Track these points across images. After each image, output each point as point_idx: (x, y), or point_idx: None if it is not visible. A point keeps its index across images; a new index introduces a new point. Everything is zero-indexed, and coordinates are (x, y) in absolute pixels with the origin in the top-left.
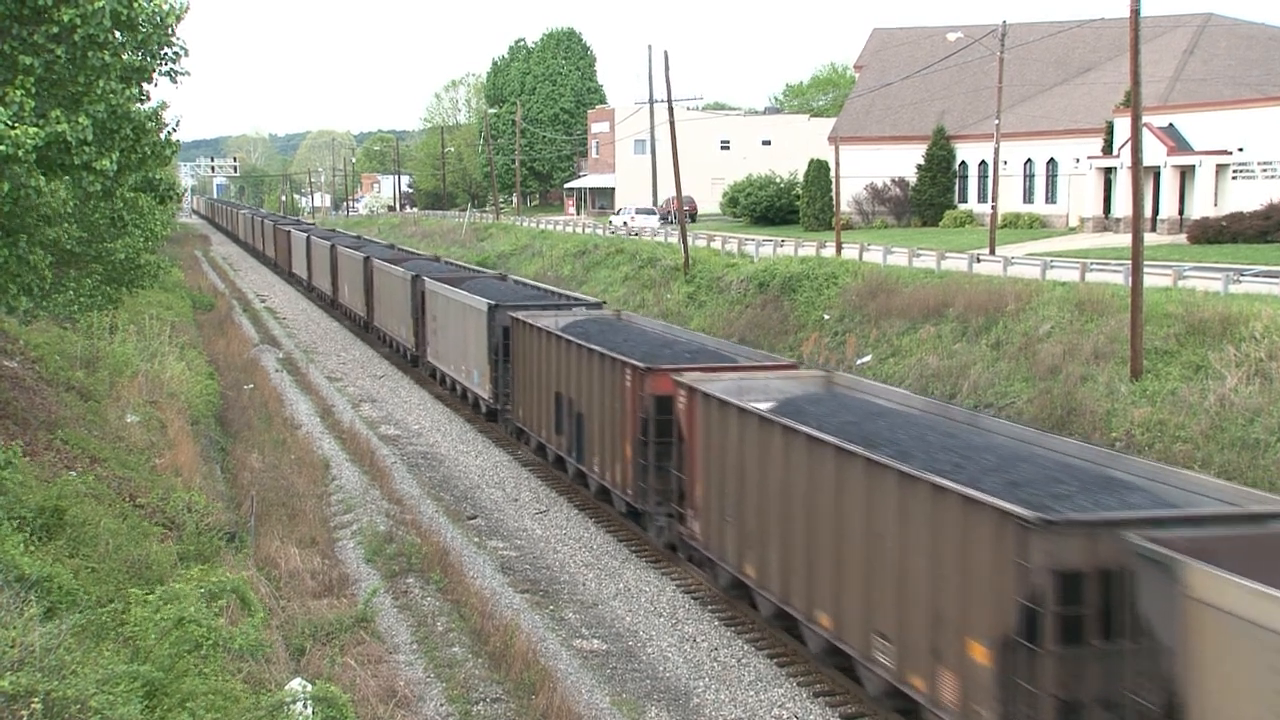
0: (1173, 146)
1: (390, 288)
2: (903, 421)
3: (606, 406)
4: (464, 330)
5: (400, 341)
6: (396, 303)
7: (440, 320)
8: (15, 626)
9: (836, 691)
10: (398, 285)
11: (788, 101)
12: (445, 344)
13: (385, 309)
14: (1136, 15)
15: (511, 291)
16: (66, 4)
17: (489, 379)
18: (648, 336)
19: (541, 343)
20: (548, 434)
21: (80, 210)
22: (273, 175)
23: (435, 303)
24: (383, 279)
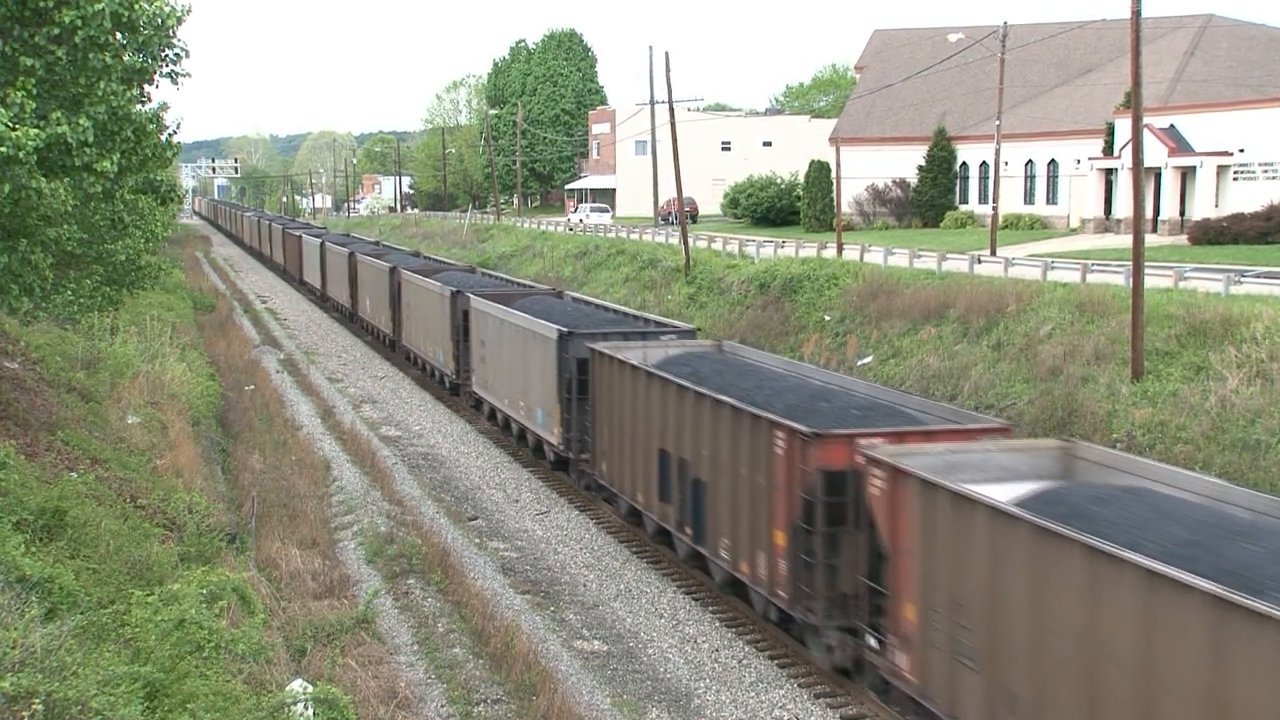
0: (1174, 147)
1: (424, 304)
2: (782, 385)
3: (743, 476)
4: (523, 360)
5: (436, 366)
6: (431, 321)
7: (491, 346)
8: (16, 627)
9: (837, 693)
10: (432, 302)
11: (789, 102)
12: (497, 374)
13: (417, 327)
14: (1137, 16)
15: (578, 314)
16: (67, 6)
17: (558, 421)
18: (782, 382)
19: (635, 384)
20: (646, 498)
21: (81, 211)
22: (274, 176)
23: (484, 325)
24: (414, 293)
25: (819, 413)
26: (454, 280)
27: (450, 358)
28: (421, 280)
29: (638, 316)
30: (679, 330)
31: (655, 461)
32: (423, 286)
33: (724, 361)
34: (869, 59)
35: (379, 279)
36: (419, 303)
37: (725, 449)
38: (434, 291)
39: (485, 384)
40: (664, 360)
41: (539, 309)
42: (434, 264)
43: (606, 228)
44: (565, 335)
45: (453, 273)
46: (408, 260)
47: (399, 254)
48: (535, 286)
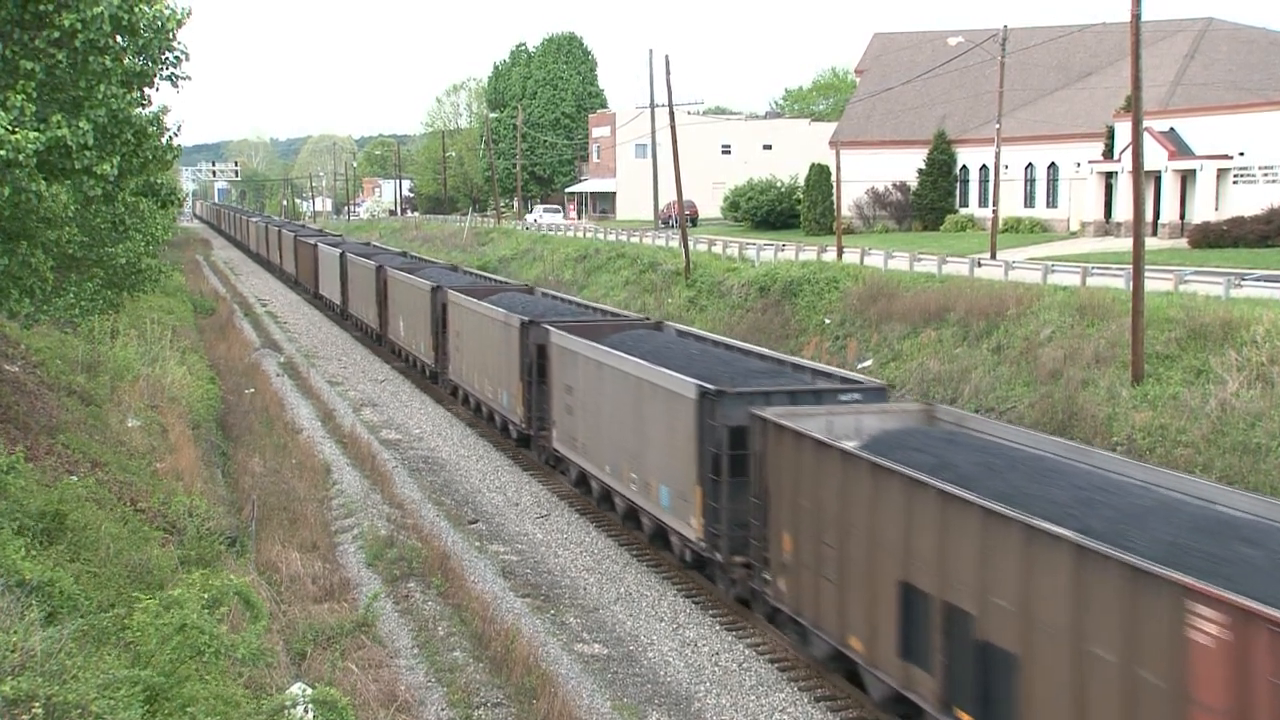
0: (1174, 151)
1: (485, 335)
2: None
3: (1105, 663)
4: (638, 420)
5: (501, 413)
6: (493, 354)
7: (585, 395)
8: (16, 631)
9: (838, 696)
10: (496, 332)
11: (789, 106)
12: (594, 433)
13: (473, 358)
14: (1137, 20)
15: (707, 358)
16: (67, 9)
17: (698, 509)
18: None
19: (838, 473)
20: (883, 652)
21: (81, 214)
22: (274, 180)
23: (582, 371)
24: (468, 320)
25: None
26: (518, 305)
27: (519, 403)
28: (477, 306)
29: (783, 361)
30: (862, 388)
31: (894, 601)
32: (483, 315)
33: (974, 446)
34: (869, 62)
35: (416, 300)
36: (475, 330)
37: (1044, 602)
38: (497, 320)
39: (586, 447)
40: (879, 440)
41: (647, 348)
42: (483, 283)
43: (559, 226)
44: (712, 395)
45: (512, 295)
46: (449, 277)
47: (437, 269)
48: (624, 314)
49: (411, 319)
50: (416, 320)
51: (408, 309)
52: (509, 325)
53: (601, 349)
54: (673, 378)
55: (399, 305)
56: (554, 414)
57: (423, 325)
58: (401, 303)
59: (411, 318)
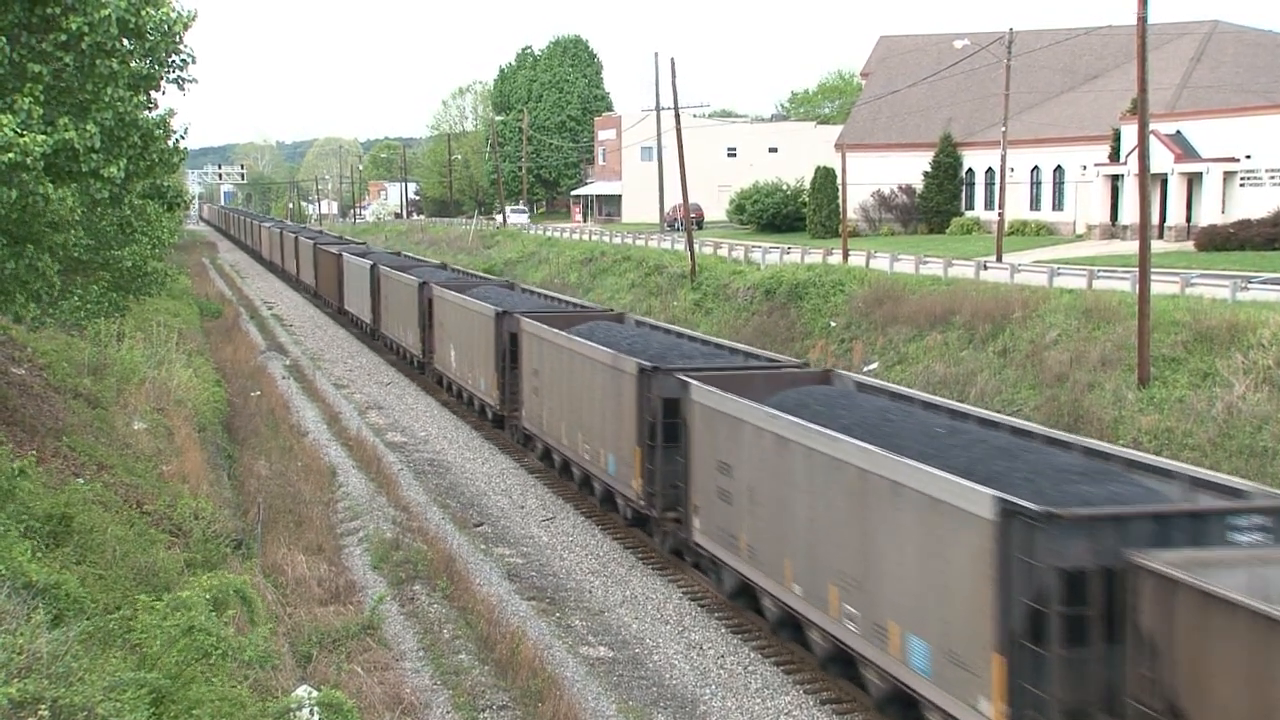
0: (1180, 154)
1: (582, 378)
2: None
3: None
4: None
5: (604, 479)
6: (599, 410)
7: (757, 481)
8: (22, 633)
9: (843, 699)
10: (596, 376)
11: (794, 109)
12: (767, 522)
13: (556, 401)
14: (1143, 23)
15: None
16: (75, 12)
17: (638, 471)
18: None
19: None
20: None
21: (88, 217)
22: (280, 183)
23: (729, 437)
24: (553, 358)
25: None
26: (622, 343)
27: (636, 473)
28: (574, 343)
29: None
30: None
31: None
32: (572, 352)
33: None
34: (875, 65)
35: (474, 327)
36: (563, 372)
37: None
38: (597, 362)
39: (753, 553)
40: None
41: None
42: (562, 307)
43: (525, 226)
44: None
45: (606, 326)
46: (510, 298)
47: (494, 289)
48: (781, 360)
49: (467, 347)
50: (474, 350)
51: (462, 335)
52: (619, 371)
53: (793, 424)
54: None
55: (449, 330)
56: (693, 494)
57: (483, 356)
58: (453, 327)
59: (467, 346)
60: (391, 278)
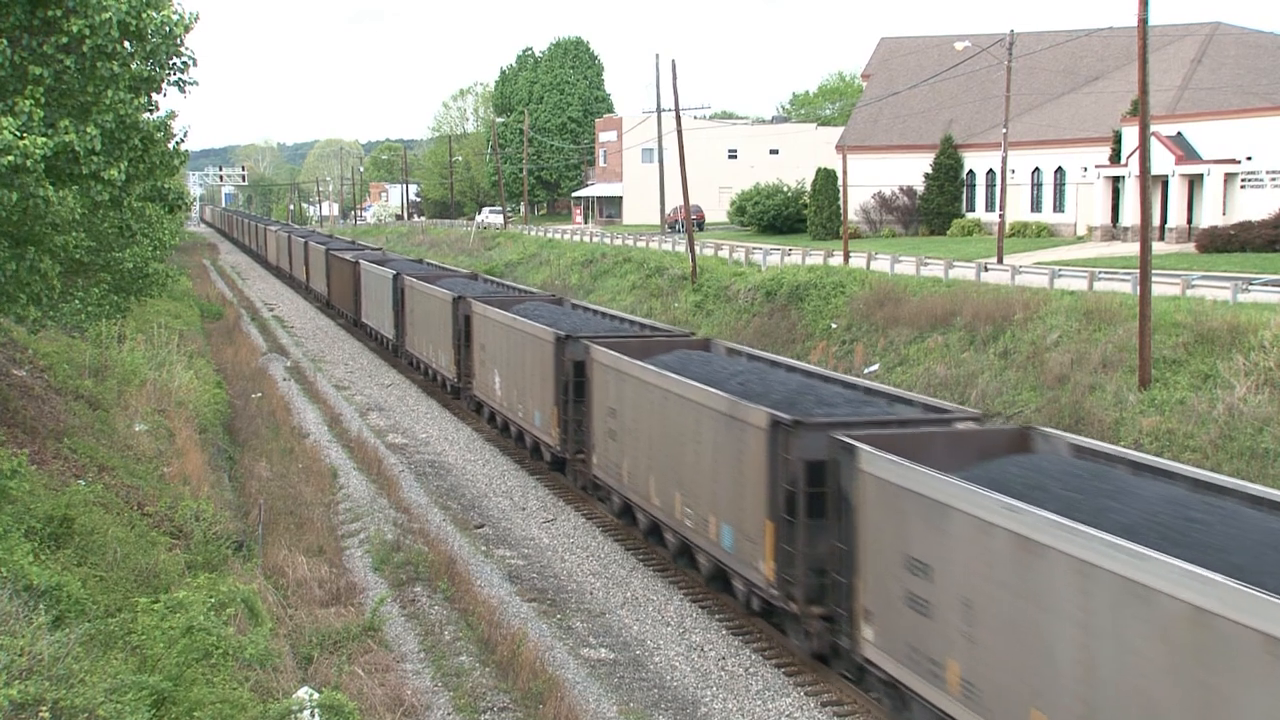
0: (1181, 155)
1: (682, 427)
2: None
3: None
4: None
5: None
6: (700, 460)
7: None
8: (24, 635)
9: (845, 701)
10: (705, 425)
11: (795, 110)
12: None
13: (642, 451)
14: (1144, 24)
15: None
16: (76, 15)
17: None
18: None
19: None
20: None
21: (89, 219)
22: (281, 184)
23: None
24: (634, 395)
25: None
26: (732, 384)
27: (766, 557)
28: (663, 381)
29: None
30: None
31: None
32: (669, 392)
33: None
34: (876, 67)
35: (533, 354)
36: (650, 414)
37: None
38: (710, 412)
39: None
40: None
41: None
42: (633, 331)
43: (498, 226)
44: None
45: (708, 358)
46: (569, 319)
47: (548, 308)
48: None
49: (516, 375)
50: (526, 379)
51: (509, 361)
52: (738, 423)
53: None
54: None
55: (492, 353)
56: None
57: (538, 387)
58: (495, 349)
59: (516, 373)
60: (419, 290)
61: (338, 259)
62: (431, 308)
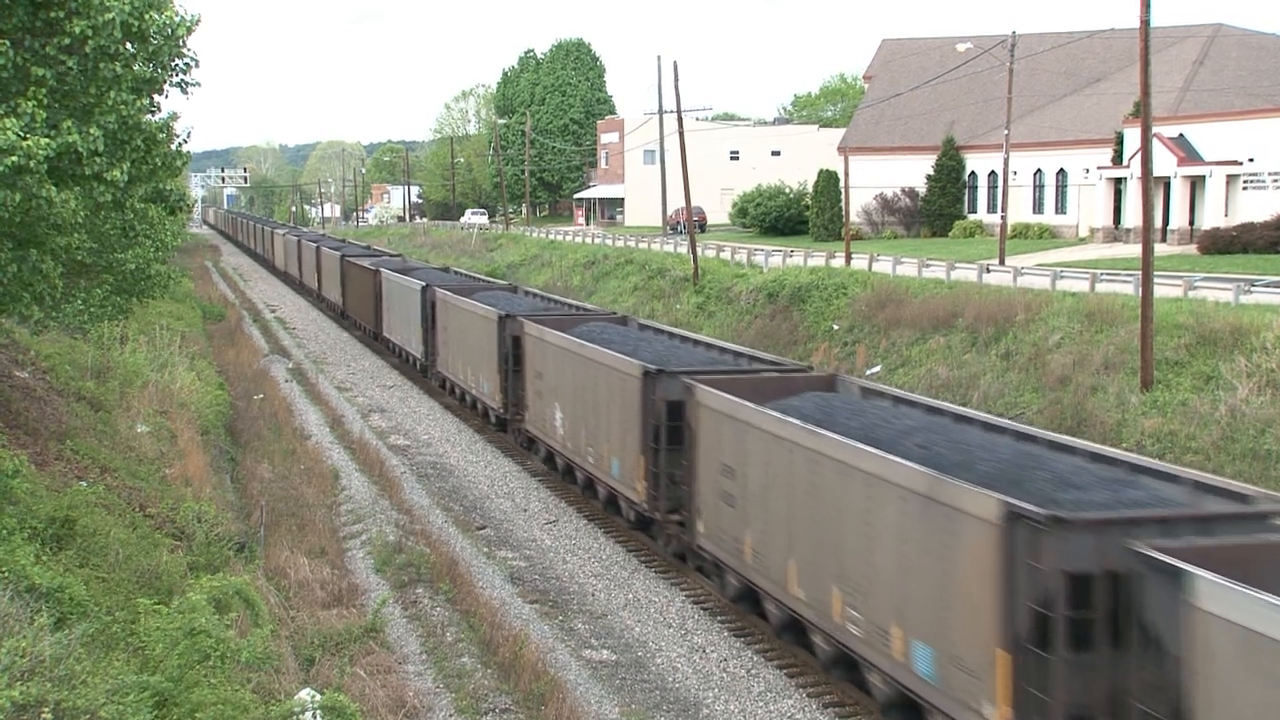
0: (1183, 157)
1: (831, 493)
2: None
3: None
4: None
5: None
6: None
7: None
8: (25, 636)
9: (846, 703)
10: (888, 508)
11: (797, 112)
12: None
13: (777, 528)
14: (1146, 26)
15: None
16: (78, 16)
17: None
18: None
19: None
20: None
21: (91, 221)
22: (283, 186)
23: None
24: (745, 444)
25: None
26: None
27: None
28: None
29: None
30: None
31: None
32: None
33: None
34: (877, 68)
35: (612, 390)
36: (780, 482)
37: None
38: (896, 485)
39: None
40: None
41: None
42: (742, 365)
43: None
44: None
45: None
46: (660, 349)
47: (614, 330)
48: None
49: (586, 412)
50: (601, 417)
51: (575, 392)
52: (946, 512)
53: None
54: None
55: (552, 383)
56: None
57: (620, 431)
58: (556, 378)
59: (586, 410)
60: (455, 305)
61: (355, 267)
62: (471, 326)
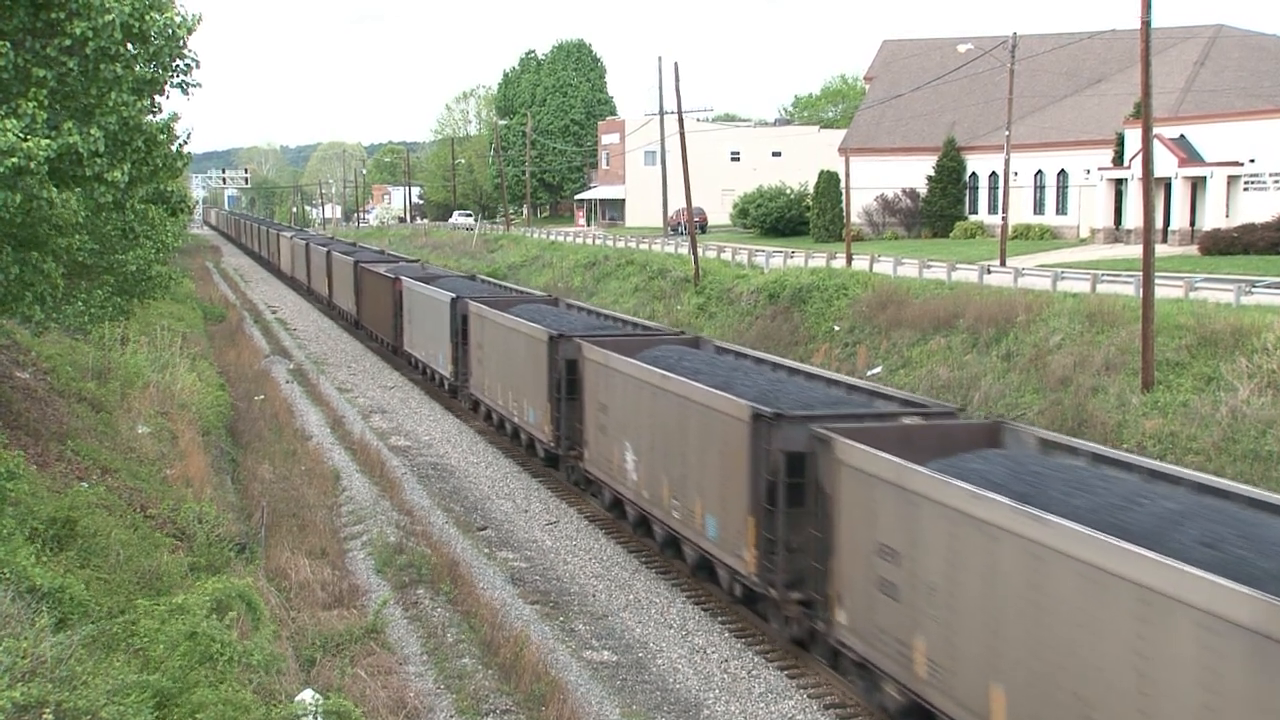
0: (1184, 158)
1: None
2: None
3: None
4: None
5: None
6: None
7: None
8: (27, 637)
9: (848, 704)
10: None
11: (798, 113)
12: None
13: (974, 634)
14: (1147, 26)
15: None
16: (79, 17)
17: None
18: None
19: None
20: None
21: (92, 222)
22: (284, 187)
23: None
24: (944, 529)
25: None
26: None
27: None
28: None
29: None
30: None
31: None
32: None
33: None
34: (878, 69)
35: (708, 434)
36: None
37: None
38: None
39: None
40: None
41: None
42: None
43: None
44: None
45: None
46: (761, 383)
47: (694, 358)
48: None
49: (673, 459)
50: (692, 466)
51: (662, 434)
52: None
53: None
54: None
55: (622, 418)
56: None
57: (720, 485)
58: (632, 415)
59: (673, 457)
60: (491, 321)
61: (371, 274)
62: (512, 346)
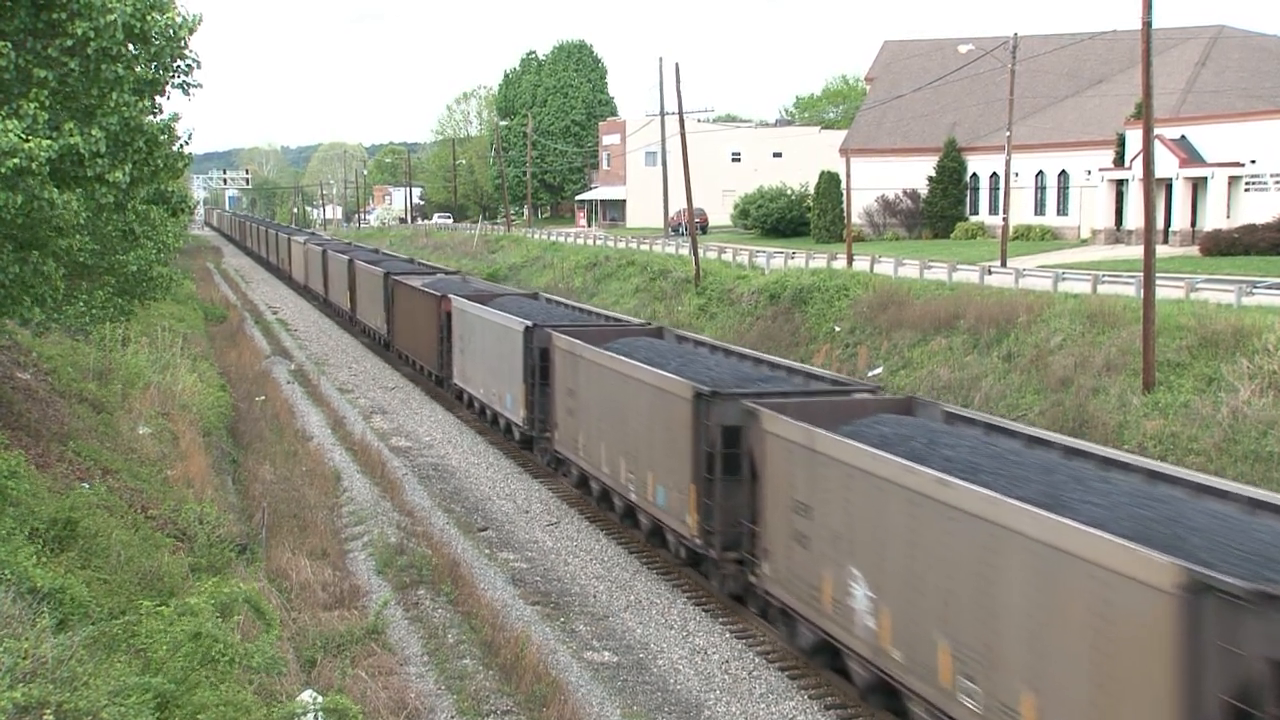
0: (1185, 158)
1: None
2: None
3: None
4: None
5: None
6: None
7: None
8: (27, 638)
9: (848, 705)
10: None
11: (799, 113)
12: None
13: None
14: (1148, 27)
15: None
16: (80, 17)
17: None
18: None
19: None
20: None
21: (93, 222)
22: (284, 187)
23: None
24: None
25: None
26: None
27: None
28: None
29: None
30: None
31: None
32: None
33: None
34: (879, 70)
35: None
36: None
37: None
38: None
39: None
40: None
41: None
42: None
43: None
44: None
45: None
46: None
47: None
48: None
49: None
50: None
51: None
52: None
53: None
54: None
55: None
56: None
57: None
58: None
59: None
60: (593, 364)
61: (407, 288)
62: (640, 405)
